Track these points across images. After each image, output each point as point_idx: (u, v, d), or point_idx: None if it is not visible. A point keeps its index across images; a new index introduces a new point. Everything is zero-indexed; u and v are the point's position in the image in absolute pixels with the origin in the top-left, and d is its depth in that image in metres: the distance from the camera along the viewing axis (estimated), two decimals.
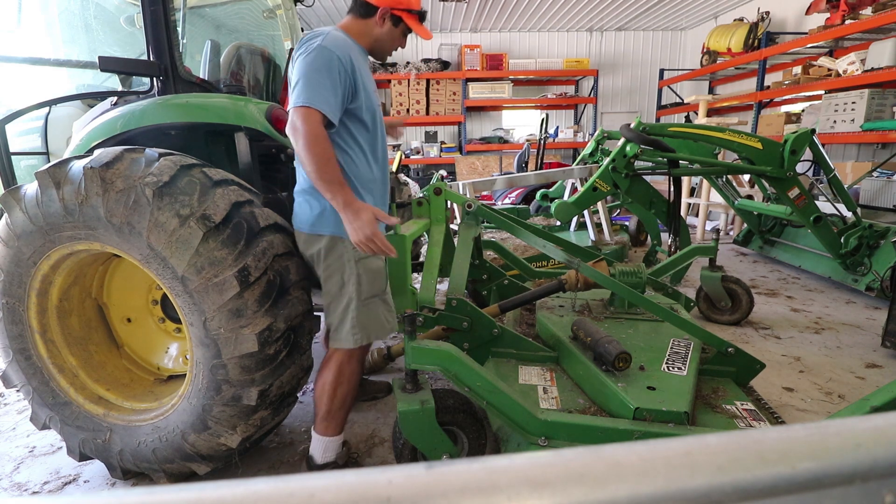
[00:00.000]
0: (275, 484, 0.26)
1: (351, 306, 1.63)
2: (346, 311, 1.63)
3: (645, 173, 3.76)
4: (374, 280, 1.65)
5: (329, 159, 1.46)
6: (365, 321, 1.65)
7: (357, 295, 1.62)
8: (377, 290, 1.67)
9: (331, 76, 1.48)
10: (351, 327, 1.64)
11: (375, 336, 1.68)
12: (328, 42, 1.50)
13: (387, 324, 1.71)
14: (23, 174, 2.49)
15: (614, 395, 1.60)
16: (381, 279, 1.68)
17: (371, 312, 1.66)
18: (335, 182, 1.47)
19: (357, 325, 1.64)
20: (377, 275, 1.66)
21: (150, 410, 1.78)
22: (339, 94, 1.50)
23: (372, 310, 1.66)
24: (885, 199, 4.51)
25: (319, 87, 1.46)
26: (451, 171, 8.38)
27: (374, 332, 1.68)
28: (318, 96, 1.45)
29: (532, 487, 0.25)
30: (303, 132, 1.42)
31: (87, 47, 2.86)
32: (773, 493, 0.26)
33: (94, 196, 1.51)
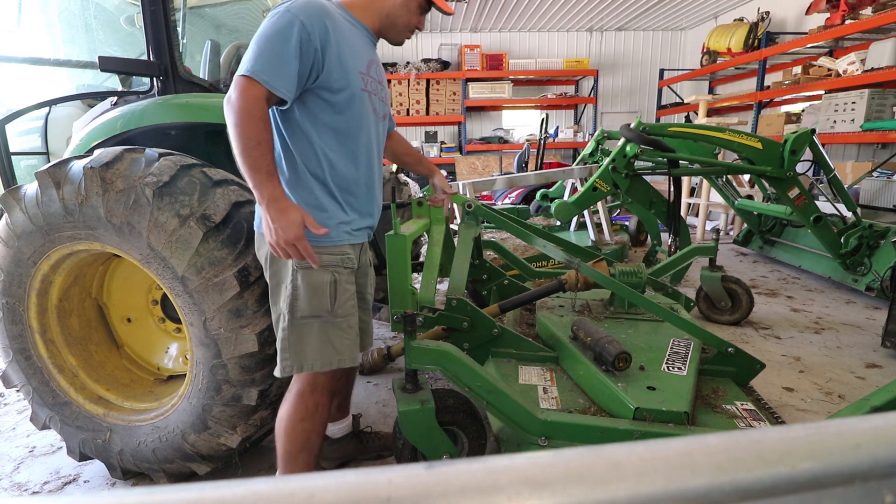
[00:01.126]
0: (275, 484, 0.26)
1: (281, 322, 1.39)
2: (277, 326, 1.41)
3: (645, 173, 3.76)
4: (313, 296, 1.36)
5: (259, 142, 1.22)
6: (296, 345, 1.38)
7: (289, 311, 1.37)
8: (316, 310, 1.38)
9: (286, 44, 1.24)
10: (280, 350, 1.40)
11: (312, 367, 1.39)
12: (295, 6, 1.27)
13: (332, 355, 1.41)
14: (23, 174, 2.49)
15: (614, 395, 1.60)
16: (324, 297, 1.38)
17: (309, 336, 1.38)
18: (261, 170, 1.23)
19: (288, 349, 1.38)
20: (318, 291, 1.37)
21: (150, 410, 1.78)
22: (295, 66, 1.26)
23: (311, 333, 1.38)
24: (885, 199, 4.51)
25: (268, 55, 1.23)
26: (451, 171, 8.37)
27: (311, 361, 1.39)
28: (264, 66, 1.22)
29: (532, 487, 0.25)
30: (235, 106, 1.20)
31: (87, 47, 2.87)
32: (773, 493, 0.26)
33: (94, 196, 1.51)
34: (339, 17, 1.36)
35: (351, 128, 1.39)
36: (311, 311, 1.37)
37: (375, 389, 2.50)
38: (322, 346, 1.39)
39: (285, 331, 1.38)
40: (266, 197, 1.24)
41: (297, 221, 1.24)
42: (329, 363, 1.40)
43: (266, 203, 1.24)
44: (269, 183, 1.24)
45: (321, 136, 1.36)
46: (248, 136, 1.22)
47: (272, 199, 1.24)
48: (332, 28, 1.30)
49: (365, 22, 1.44)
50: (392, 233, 1.74)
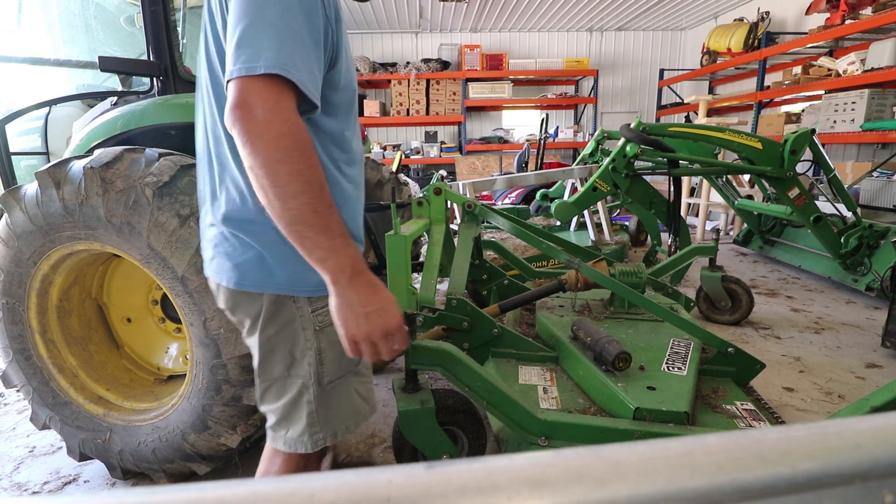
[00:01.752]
0: (275, 484, 0.26)
1: (305, 395, 1.06)
2: (298, 403, 1.07)
3: (645, 173, 3.76)
4: (343, 355, 1.04)
5: (323, 185, 0.83)
6: (329, 413, 1.08)
7: (316, 378, 1.06)
8: (346, 368, 1.10)
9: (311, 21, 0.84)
10: (308, 425, 1.07)
11: (346, 430, 1.12)
12: None
13: (363, 408, 1.15)
14: (23, 174, 2.49)
15: (614, 395, 1.60)
16: None
17: (339, 399, 1.10)
18: (334, 228, 0.84)
19: (317, 422, 1.07)
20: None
21: (150, 410, 1.78)
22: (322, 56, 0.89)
23: (340, 395, 1.10)
24: (885, 199, 4.51)
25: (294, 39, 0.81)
26: (451, 171, 8.38)
27: (344, 425, 1.11)
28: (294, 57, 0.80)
29: (532, 487, 0.25)
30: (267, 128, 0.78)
31: (87, 47, 2.87)
32: (773, 493, 0.26)
33: (94, 196, 1.51)
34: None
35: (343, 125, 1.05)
36: (341, 371, 1.09)
37: (375, 389, 2.50)
38: (353, 403, 1.13)
39: (311, 403, 1.06)
40: (349, 268, 0.85)
41: (394, 304, 0.92)
42: (364, 418, 1.16)
43: (349, 278, 0.86)
44: (348, 247, 0.85)
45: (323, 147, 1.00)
46: (307, 178, 0.80)
47: (356, 270, 0.86)
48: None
49: None
50: (392, 233, 1.74)
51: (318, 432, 1.08)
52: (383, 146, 8.60)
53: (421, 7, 7.65)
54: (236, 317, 1.07)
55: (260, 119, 0.78)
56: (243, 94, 0.79)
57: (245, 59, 0.79)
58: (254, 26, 0.80)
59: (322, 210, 0.82)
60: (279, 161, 0.78)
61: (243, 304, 1.04)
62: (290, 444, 1.09)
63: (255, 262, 0.98)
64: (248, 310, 1.04)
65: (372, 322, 0.88)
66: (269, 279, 0.99)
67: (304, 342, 1.04)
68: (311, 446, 1.09)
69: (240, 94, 0.79)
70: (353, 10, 7.73)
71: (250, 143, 0.79)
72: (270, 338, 1.04)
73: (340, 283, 0.86)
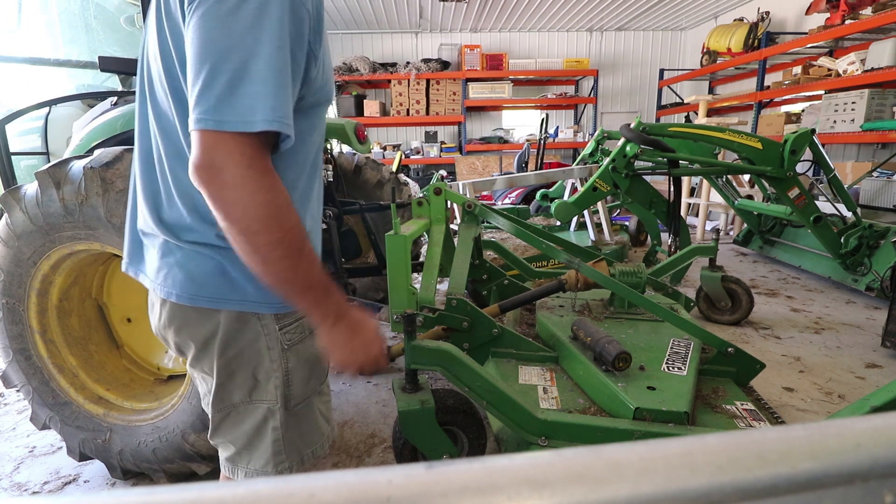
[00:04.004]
0: (275, 484, 0.26)
1: (270, 422, 0.98)
2: (262, 430, 0.98)
3: (645, 173, 3.76)
4: (310, 375, 1.01)
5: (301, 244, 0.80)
6: (295, 438, 1.01)
7: (283, 402, 0.97)
8: (312, 388, 1.03)
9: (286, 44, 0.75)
10: (273, 454, 0.99)
11: (312, 454, 1.05)
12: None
13: (326, 429, 1.08)
14: (23, 174, 2.49)
15: (614, 395, 1.60)
16: (321, 370, 1.04)
17: (306, 422, 1.03)
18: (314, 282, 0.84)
19: (283, 450, 0.99)
20: (314, 365, 1.02)
21: (150, 410, 1.78)
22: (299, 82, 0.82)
23: (307, 417, 1.03)
24: (885, 199, 4.51)
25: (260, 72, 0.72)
26: (451, 171, 8.38)
27: (311, 449, 1.04)
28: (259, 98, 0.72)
29: (532, 487, 0.25)
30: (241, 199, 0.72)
31: (87, 47, 2.87)
32: (773, 493, 0.26)
33: (94, 196, 1.51)
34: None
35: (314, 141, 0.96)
36: (308, 391, 1.02)
37: (375, 389, 2.50)
38: (318, 422, 1.06)
39: (277, 430, 0.98)
40: (332, 316, 0.88)
41: (375, 331, 0.95)
42: (328, 439, 1.09)
43: (332, 325, 0.88)
44: (330, 297, 0.86)
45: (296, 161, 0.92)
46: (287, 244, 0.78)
47: (339, 316, 0.88)
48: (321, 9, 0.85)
49: None
50: (392, 233, 1.74)
51: (284, 461, 1.00)
52: (383, 146, 8.60)
53: (421, 7, 7.65)
54: (179, 338, 0.94)
55: (230, 186, 0.71)
56: (209, 153, 0.71)
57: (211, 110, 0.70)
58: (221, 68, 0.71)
59: (304, 270, 0.81)
60: (256, 232, 0.74)
61: (193, 323, 0.92)
62: (252, 475, 1.00)
63: (214, 274, 0.88)
64: (199, 329, 0.92)
65: (355, 356, 0.92)
66: (232, 293, 0.89)
67: (270, 363, 0.95)
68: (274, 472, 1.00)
69: (204, 153, 0.71)
70: (354, 10, 7.73)
71: (222, 211, 0.74)
72: (231, 360, 0.94)
73: (325, 328, 0.89)
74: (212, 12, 0.71)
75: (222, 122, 0.70)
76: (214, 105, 0.70)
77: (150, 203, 0.91)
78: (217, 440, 1.02)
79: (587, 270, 2.05)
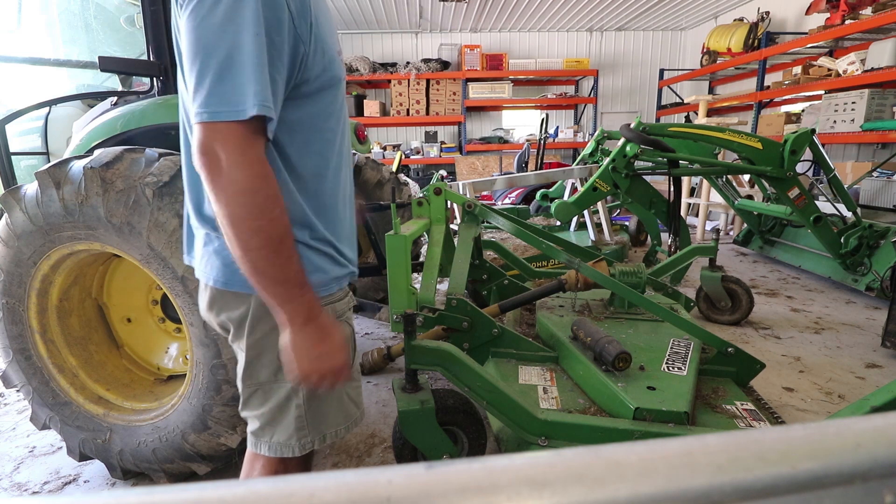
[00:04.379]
0: (275, 484, 0.26)
1: (294, 399, 1.05)
2: (286, 407, 1.06)
3: (645, 173, 3.76)
4: None
5: (283, 236, 0.84)
6: (317, 417, 1.08)
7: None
8: None
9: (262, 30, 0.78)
10: (296, 429, 1.06)
11: (335, 434, 1.11)
12: None
13: (353, 413, 1.14)
14: (23, 174, 2.49)
15: (614, 395, 1.60)
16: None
17: (329, 402, 1.10)
18: (291, 279, 0.86)
19: (306, 426, 1.07)
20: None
21: (150, 410, 1.78)
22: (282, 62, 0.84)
23: (331, 398, 1.10)
24: (885, 199, 4.51)
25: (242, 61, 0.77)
26: (451, 171, 8.38)
27: (334, 429, 1.11)
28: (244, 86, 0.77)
29: (532, 487, 0.25)
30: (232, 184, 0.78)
31: (87, 47, 2.87)
32: (773, 493, 0.26)
33: (94, 196, 1.51)
34: None
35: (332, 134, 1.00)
36: None
37: (375, 389, 2.50)
38: (342, 406, 1.12)
39: (300, 407, 1.05)
40: (302, 316, 0.89)
41: (343, 344, 0.95)
42: (354, 422, 1.15)
43: (301, 325, 0.89)
44: (304, 296, 0.89)
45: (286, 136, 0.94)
46: (268, 233, 0.82)
47: (309, 318, 0.90)
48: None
49: None
50: (392, 233, 1.74)
51: (307, 435, 1.08)
52: (383, 146, 8.60)
53: (421, 7, 7.65)
54: (220, 318, 1.04)
55: (224, 171, 0.78)
56: (207, 143, 0.78)
57: (205, 103, 0.77)
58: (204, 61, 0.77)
59: (280, 263, 0.84)
60: (241, 218, 0.80)
61: (230, 305, 1.01)
62: (275, 448, 1.07)
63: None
64: (234, 311, 1.01)
65: (319, 363, 0.92)
66: None
67: None
68: (298, 450, 1.08)
69: (203, 143, 0.78)
70: (354, 10, 7.73)
71: (214, 194, 0.80)
72: (259, 340, 1.02)
73: (294, 327, 0.90)
74: (194, 13, 0.78)
75: (216, 114, 0.77)
76: (207, 98, 0.77)
77: (193, 198, 1.00)
78: (245, 413, 1.10)
79: (587, 270, 2.05)
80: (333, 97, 0.98)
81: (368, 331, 3.32)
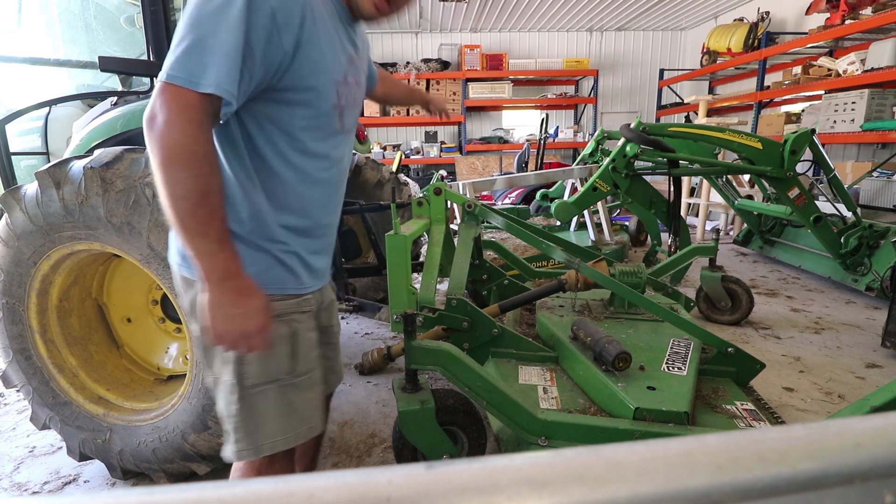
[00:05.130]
0: (274, 484, 0.26)
1: (232, 396, 1.03)
2: (229, 404, 1.04)
3: (645, 173, 3.76)
4: (268, 357, 1.03)
5: (207, 192, 0.87)
6: (250, 422, 1.03)
7: (236, 379, 1.02)
8: (273, 373, 1.04)
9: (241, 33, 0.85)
10: (232, 430, 1.04)
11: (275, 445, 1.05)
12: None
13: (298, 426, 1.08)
14: (23, 174, 2.49)
15: (614, 395, 1.60)
16: (282, 356, 1.05)
17: (260, 408, 1.04)
18: (209, 234, 0.88)
19: (239, 428, 1.03)
20: (273, 349, 1.02)
21: (150, 410, 1.78)
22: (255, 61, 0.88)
23: (268, 403, 1.04)
24: (885, 199, 4.51)
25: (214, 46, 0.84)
26: (451, 171, 8.37)
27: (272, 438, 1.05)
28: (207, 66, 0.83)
29: (532, 487, 0.25)
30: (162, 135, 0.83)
31: (87, 47, 2.87)
32: (773, 493, 0.26)
33: (94, 196, 1.51)
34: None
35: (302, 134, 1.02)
36: (266, 375, 1.04)
37: (375, 389, 2.50)
38: (284, 416, 1.06)
39: (233, 405, 1.03)
40: (219, 272, 0.89)
41: (261, 307, 0.93)
42: (295, 437, 1.07)
43: (218, 280, 0.89)
44: (223, 252, 0.89)
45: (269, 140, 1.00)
46: (191, 186, 0.85)
47: (226, 275, 0.90)
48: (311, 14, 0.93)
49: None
50: (392, 233, 1.74)
51: (241, 440, 1.04)
52: (383, 146, 8.60)
53: (421, 7, 7.65)
54: (181, 300, 1.09)
55: (160, 125, 0.83)
56: (156, 100, 0.84)
57: (168, 67, 0.84)
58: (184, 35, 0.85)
59: (202, 216, 0.87)
60: (167, 167, 0.84)
61: (184, 289, 1.07)
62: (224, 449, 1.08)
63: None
64: (184, 296, 1.07)
65: (233, 322, 0.91)
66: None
67: None
68: (233, 455, 1.05)
69: (154, 99, 0.85)
70: None
71: (148, 145, 0.85)
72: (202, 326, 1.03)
73: (210, 283, 0.90)
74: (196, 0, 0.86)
75: (173, 77, 0.83)
76: (171, 64, 0.84)
77: None
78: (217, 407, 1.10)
79: (587, 270, 2.05)
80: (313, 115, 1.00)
81: (368, 331, 3.32)
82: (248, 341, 0.94)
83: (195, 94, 0.84)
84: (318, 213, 1.10)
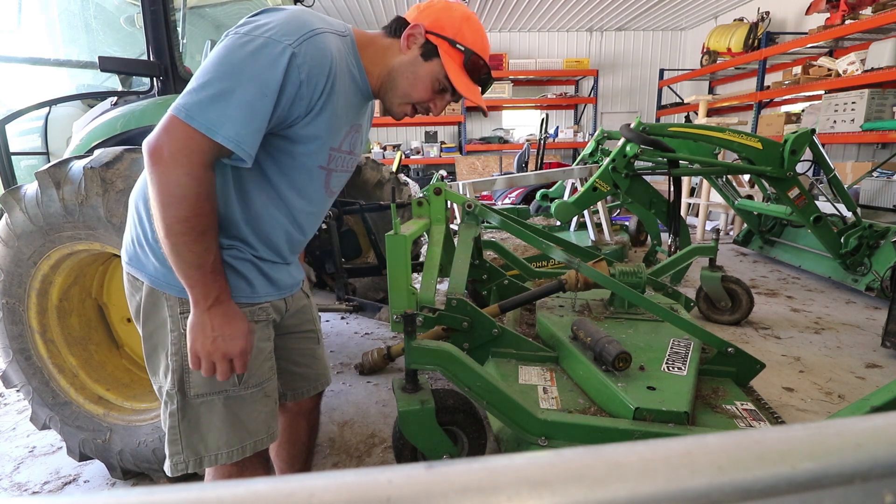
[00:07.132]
0: (274, 484, 0.26)
1: (169, 405, 1.02)
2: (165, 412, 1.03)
3: (645, 173, 3.76)
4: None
5: (205, 230, 0.89)
6: (191, 433, 1.01)
7: (179, 387, 1.00)
8: (218, 384, 1.01)
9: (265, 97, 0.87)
10: (170, 442, 1.02)
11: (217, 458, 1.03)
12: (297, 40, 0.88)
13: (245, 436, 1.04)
14: (23, 174, 2.49)
15: (614, 395, 1.60)
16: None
17: (203, 419, 1.02)
18: (205, 266, 0.91)
19: (177, 439, 1.01)
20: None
21: (150, 410, 1.78)
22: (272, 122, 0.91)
23: (211, 415, 1.02)
24: (885, 199, 4.51)
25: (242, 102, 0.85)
26: (451, 171, 8.38)
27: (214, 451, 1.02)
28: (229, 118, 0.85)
29: (532, 487, 0.25)
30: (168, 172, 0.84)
31: (87, 47, 2.86)
32: (773, 493, 0.26)
33: (94, 196, 1.51)
34: (343, 63, 0.99)
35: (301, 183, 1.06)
36: (211, 386, 1.01)
37: (375, 389, 2.50)
38: (229, 428, 1.03)
39: (174, 415, 1.01)
40: (211, 299, 0.93)
41: (245, 332, 0.97)
42: (241, 450, 1.04)
43: (208, 307, 0.93)
44: (216, 283, 0.93)
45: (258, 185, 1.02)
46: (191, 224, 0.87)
47: (216, 302, 0.94)
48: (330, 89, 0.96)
49: (371, 72, 1.08)
50: (392, 233, 1.74)
51: (180, 453, 1.02)
52: (383, 146, 8.60)
53: None
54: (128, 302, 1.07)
55: (164, 162, 0.85)
56: (165, 134, 0.85)
57: (188, 106, 0.85)
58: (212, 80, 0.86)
59: (198, 251, 0.90)
60: (169, 206, 0.86)
61: (131, 289, 1.06)
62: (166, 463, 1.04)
63: (137, 243, 1.02)
64: (132, 298, 1.06)
65: (216, 345, 0.94)
66: (146, 267, 1.01)
67: (171, 345, 1.01)
68: (169, 468, 1.02)
69: (162, 132, 0.85)
70: (353, 10, 7.73)
71: (150, 180, 0.87)
72: (152, 333, 1.04)
73: (199, 308, 0.94)
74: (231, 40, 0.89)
75: (192, 119, 0.84)
76: (193, 104, 0.85)
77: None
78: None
79: (587, 270, 2.05)
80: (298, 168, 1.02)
81: (368, 331, 3.32)
82: (228, 364, 0.97)
83: (209, 141, 0.85)
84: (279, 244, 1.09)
